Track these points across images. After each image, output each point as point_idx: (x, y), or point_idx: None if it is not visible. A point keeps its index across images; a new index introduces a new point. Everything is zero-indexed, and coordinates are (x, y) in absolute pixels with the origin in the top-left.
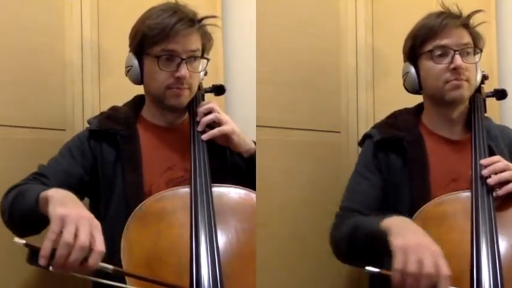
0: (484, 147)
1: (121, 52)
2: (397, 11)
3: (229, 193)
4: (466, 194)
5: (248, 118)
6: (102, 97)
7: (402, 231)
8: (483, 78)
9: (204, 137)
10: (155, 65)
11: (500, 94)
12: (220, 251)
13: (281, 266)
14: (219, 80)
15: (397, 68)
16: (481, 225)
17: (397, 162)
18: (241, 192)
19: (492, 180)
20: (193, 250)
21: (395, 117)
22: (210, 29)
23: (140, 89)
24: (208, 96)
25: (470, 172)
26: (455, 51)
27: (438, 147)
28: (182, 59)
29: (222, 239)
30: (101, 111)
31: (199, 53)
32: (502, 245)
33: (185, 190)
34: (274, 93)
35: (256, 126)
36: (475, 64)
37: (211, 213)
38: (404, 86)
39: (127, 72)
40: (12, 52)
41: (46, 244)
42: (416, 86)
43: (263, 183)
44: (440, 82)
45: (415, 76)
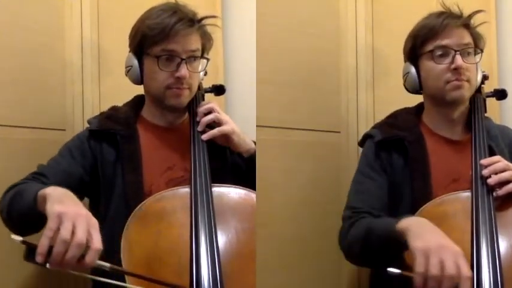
0: (484, 147)
1: (121, 52)
2: (397, 11)
3: (229, 193)
4: (466, 194)
5: (248, 118)
6: (102, 97)
7: (421, 232)
8: (483, 78)
9: (204, 137)
10: (155, 65)
11: (500, 94)
12: (220, 251)
13: (281, 266)
14: (219, 80)
15: (397, 68)
16: (481, 225)
17: (399, 161)
18: (241, 192)
19: (492, 180)
20: (193, 250)
21: (395, 117)
22: (210, 29)
23: (140, 89)
24: (208, 96)
25: (470, 172)
26: (456, 51)
27: (439, 147)
28: (182, 59)
29: (222, 239)
30: (101, 111)
31: (199, 53)
32: (502, 245)
33: (185, 190)
34: (274, 93)
35: (256, 126)
36: (476, 64)
37: (211, 213)
38: (404, 86)
39: (127, 72)
40: (12, 52)
41: (43, 241)
42: (416, 86)
43: (263, 183)
44: (441, 82)
45: (416, 76)
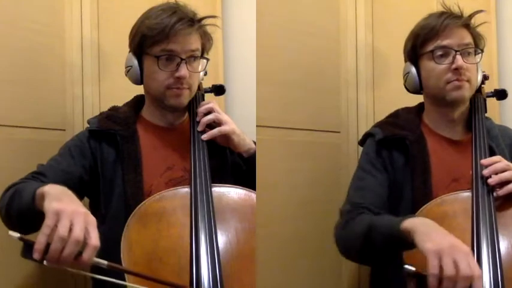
0: (485, 147)
1: (121, 52)
2: (397, 11)
3: (229, 193)
4: (467, 194)
5: (248, 118)
6: (102, 97)
7: (429, 232)
8: (483, 78)
9: (204, 137)
10: (155, 65)
11: (500, 94)
12: (220, 251)
13: (281, 266)
14: (219, 80)
15: (397, 68)
16: (482, 225)
17: (399, 160)
18: (241, 192)
19: (493, 180)
20: (193, 250)
21: (397, 116)
22: (210, 29)
23: (140, 89)
24: (208, 96)
25: (471, 172)
26: (456, 51)
27: (440, 147)
28: (182, 59)
29: (222, 239)
30: (101, 111)
31: (198, 53)
32: (503, 245)
33: (185, 190)
34: (274, 93)
35: (256, 126)
36: (476, 64)
37: (211, 213)
38: (405, 86)
39: (127, 72)
40: (12, 52)
41: (40, 238)
42: (417, 86)
43: (263, 183)
44: (441, 82)
45: (416, 76)
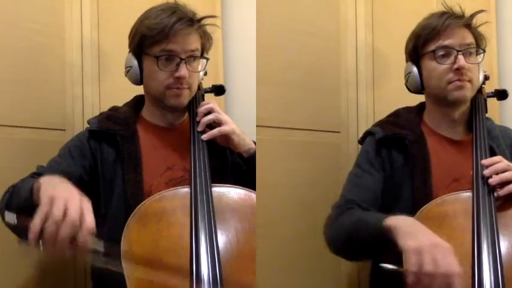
0: (485, 147)
1: (121, 52)
2: (397, 11)
3: (229, 193)
4: (467, 194)
5: (248, 118)
6: (102, 97)
7: (411, 231)
8: (484, 78)
9: (204, 137)
10: (154, 65)
11: (501, 94)
12: (220, 251)
13: (281, 266)
14: (219, 80)
15: (397, 68)
16: (482, 225)
17: (399, 160)
18: (241, 192)
19: (493, 180)
20: (193, 250)
21: (397, 115)
22: (210, 29)
23: (140, 89)
24: (208, 96)
25: (471, 172)
26: (458, 51)
27: (440, 146)
28: (181, 59)
29: (222, 239)
30: (101, 111)
31: (198, 53)
32: (503, 245)
33: (185, 190)
34: (274, 93)
35: (256, 126)
36: (478, 64)
37: (211, 213)
38: (406, 86)
39: (126, 72)
40: (12, 52)
41: (35, 221)
42: (418, 86)
43: (263, 183)
44: (443, 82)
45: (418, 76)
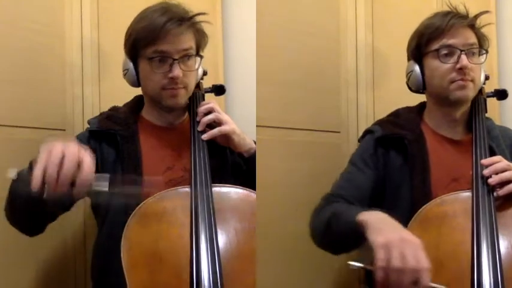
0: (485, 147)
1: (121, 52)
2: (397, 11)
3: (229, 193)
4: (467, 194)
5: (248, 118)
6: (102, 97)
7: (381, 227)
8: (484, 78)
9: (204, 137)
10: (148, 67)
11: (500, 94)
12: (220, 251)
13: (281, 266)
14: (219, 80)
15: (397, 68)
16: (482, 225)
17: (397, 160)
18: (241, 192)
19: (493, 180)
20: (193, 250)
21: (397, 115)
22: (209, 28)
23: (140, 89)
24: (208, 96)
25: (471, 172)
26: (461, 51)
27: (440, 146)
28: (174, 59)
29: (222, 239)
30: (101, 111)
31: (192, 52)
32: (503, 245)
33: (185, 190)
34: (274, 93)
35: (256, 126)
36: (480, 65)
37: (211, 213)
38: (407, 85)
39: (124, 75)
40: (12, 52)
41: (36, 171)
42: (420, 85)
43: (263, 183)
44: (445, 81)
45: (420, 75)
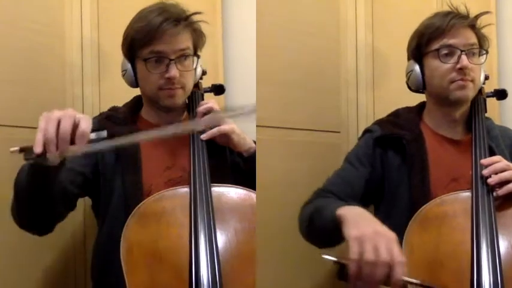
0: (485, 147)
1: (121, 52)
2: (397, 11)
3: (228, 193)
4: (466, 194)
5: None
6: (102, 97)
7: (356, 221)
8: (484, 78)
9: (204, 137)
10: (145, 68)
11: (500, 94)
12: (219, 251)
13: (281, 266)
14: (219, 80)
15: (397, 68)
16: (482, 225)
17: (395, 160)
18: (240, 192)
19: (492, 180)
20: (192, 250)
21: (397, 115)
22: (209, 28)
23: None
24: (207, 95)
25: (470, 172)
26: (461, 51)
27: (439, 146)
28: (171, 60)
29: (222, 239)
30: (101, 111)
31: (190, 51)
32: (503, 245)
33: (185, 190)
34: (274, 93)
35: (256, 126)
36: (480, 65)
37: (210, 213)
38: (407, 84)
39: (123, 75)
40: (12, 52)
41: (37, 135)
42: (420, 85)
43: (263, 183)
44: (445, 81)
45: (420, 74)
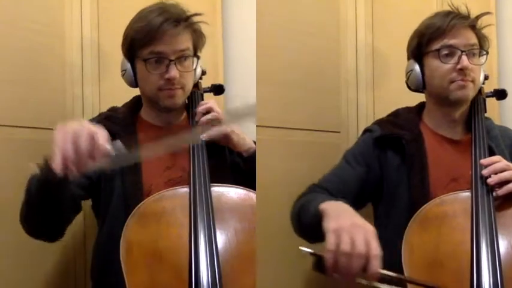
0: (484, 147)
1: (121, 52)
2: (397, 11)
3: (228, 193)
4: (466, 194)
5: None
6: (102, 97)
7: (337, 214)
8: (484, 78)
9: (204, 137)
10: (145, 68)
11: (500, 94)
12: (219, 251)
13: (281, 266)
14: (219, 80)
15: (397, 68)
16: (481, 225)
17: (395, 160)
18: (240, 192)
19: (492, 180)
20: (192, 250)
21: (397, 115)
22: (210, 29)
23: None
24: (207, 95)
25: (470, 172)
26: (462, 51)
27: (439, 146)
28: (171, 60)
29: (221, 239)
30: (101, 111)
31: (189, 52)
32: (502, 245)
33: (184, 190)
34: (274, 93)
35: (256, 126)
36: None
37: (210, 213)
38: (407, 84)
39: (122, 75)
40: (12, 52)
41: (55, 156)
42: (420, 84)
43: (263, 183)
44: (445, 81)
45: (420, 74)
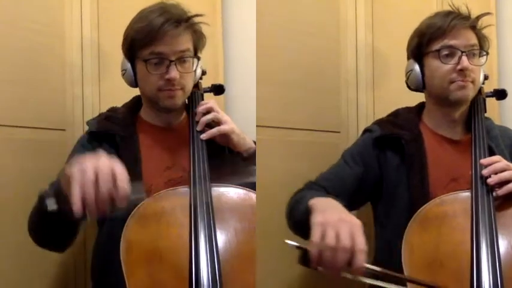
0: (484, 147)
1: (121, 52)
2: (397, 11)
3: (228, 193)
4: (466, 194)
5: (248, 118)
6: (102, 97)
7: (324, 209)
8: (484, 78)
9: (204, 137)
10: (145, 68)
11: (500, 94)
12: (219, 251)
13: (281, 266)
14: (219, 80)
15: (397, 68)
16: (481, 225)
17: (394, 160)
18: (240, 192)
19: (492, 180)
20: (192, 250)
21: (396, 115)
22: (210, 29)
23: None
24: (207, 95)
25: (470, 172)
26: (462, 52)
27: (438, 146)
28: (171, 61)
29: (222, 239)
30: (101, 111)
31: (190, 53)
32: (502, 245)
33: (185, 190)
34: (274, 93)
35: (256, 126)
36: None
37: (210, 213)
38: (406, 84)
39: (122, 75)
40: (12, 52)
41: (74, 195)
42: (420, 84)
43: (263, 183)
44: (445, 82)
45: (420, 74)
